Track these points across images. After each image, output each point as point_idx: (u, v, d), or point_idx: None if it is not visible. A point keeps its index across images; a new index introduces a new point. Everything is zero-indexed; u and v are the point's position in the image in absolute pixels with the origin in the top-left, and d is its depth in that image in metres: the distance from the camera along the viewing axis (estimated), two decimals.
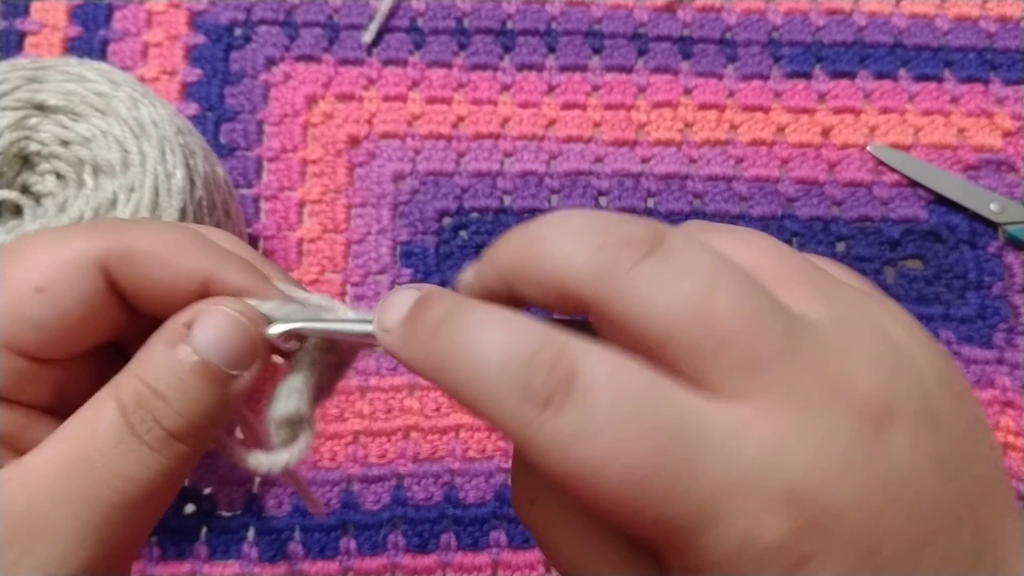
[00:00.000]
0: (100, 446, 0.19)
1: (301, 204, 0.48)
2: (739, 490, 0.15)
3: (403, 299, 0.19)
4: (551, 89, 0.51)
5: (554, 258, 0.17)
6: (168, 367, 0.19)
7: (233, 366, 0.20)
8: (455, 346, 0.17)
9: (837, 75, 0.51)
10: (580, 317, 0.18)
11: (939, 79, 0.51)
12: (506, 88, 0.50)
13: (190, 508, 0.42)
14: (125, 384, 0.19)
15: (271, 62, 0.50)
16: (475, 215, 0.48)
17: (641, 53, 0.52)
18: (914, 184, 0.49)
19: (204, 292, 0.21)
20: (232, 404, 0.20)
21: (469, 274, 0.20)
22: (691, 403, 0.15)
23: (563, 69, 0.51)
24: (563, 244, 0.17)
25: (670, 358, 0.16)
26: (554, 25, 0.52)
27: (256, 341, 0.20)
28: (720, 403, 0.15)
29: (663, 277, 0.16)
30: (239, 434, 0.25)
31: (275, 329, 0.21)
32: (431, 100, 0.50)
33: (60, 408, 0.20)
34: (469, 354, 0.16)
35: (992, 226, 0.48)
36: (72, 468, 0.18)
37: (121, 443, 0.19)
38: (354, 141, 0.49)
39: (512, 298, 0.18)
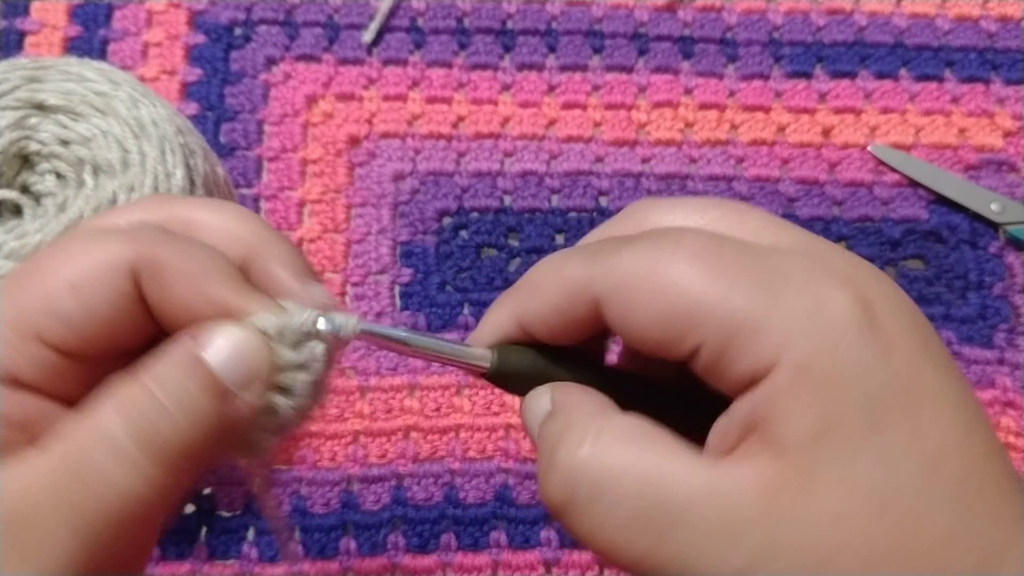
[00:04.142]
0: (95, 455, 0.18)
1: (301, 204, 0.48)
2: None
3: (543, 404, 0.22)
4: (551, 89, 0.51)
5: (551, 273, 0.21)
6: (176, 380, 0.19)
7: (239, 386, 0.20)
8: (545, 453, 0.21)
9: (838, 75, 0.51)
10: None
11: (940, 79, 0.51)
12: (506, 88, 0.50)
13: (190, 508, 0.42)
14: (130, 392, 0.19)
15: (271, 62, 0.50)
16: (475, 215, 0.48)
17: (641, 53, 0.52)
18: (915, 184, 0.49)
19: (223, 317, 0.21)
20: (230, 428, 0.20)
21: (483, 334, 0.23)
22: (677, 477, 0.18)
23: (563, 69, 0.51)
24: (556, 262, 0.21)
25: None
26: (554, 25, 0.52)
27: (264, 364, 0.20)
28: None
29: (638, 247, 0.20)
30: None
31: (362, 326, 0.21)
32: (431, 100, 0.50)
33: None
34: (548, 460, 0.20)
35: (993, 226, 0.48)
36: (66, 475, 0.18)
37: (116, 453, 0.18)
38: (354, 141, 0.49)
39: (522, 334, 0.22)
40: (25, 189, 0.37)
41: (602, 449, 0.19)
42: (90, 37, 0.50)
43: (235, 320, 0.20)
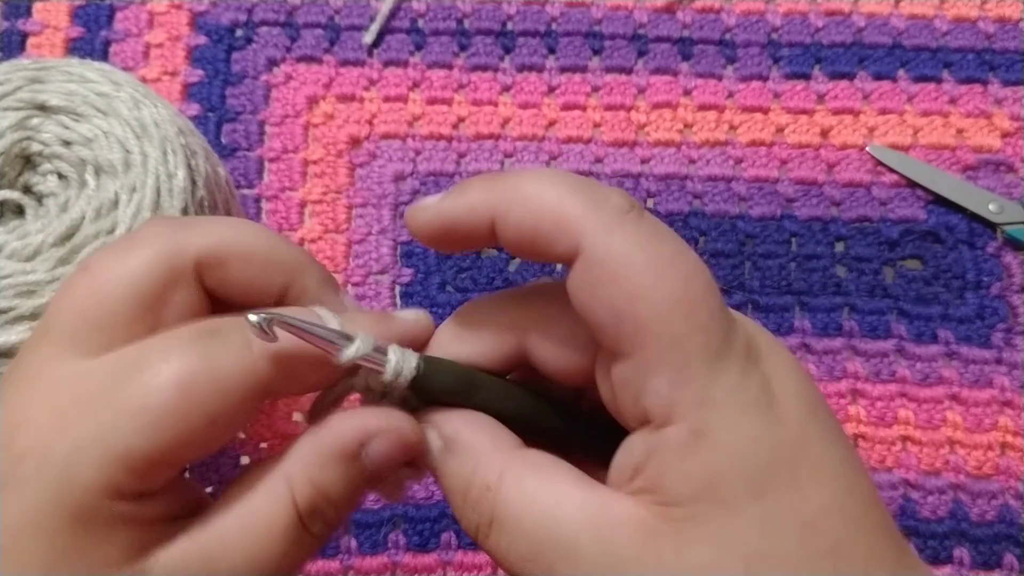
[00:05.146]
0: (280, 544, 0.21)
1: (302, 204, 0.48)
2: None
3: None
4: (551, 90, 0.51)
5: (549, 196, 0.20)
6: (344, 481, 0.21)
7: (389, 473, 0.22)
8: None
9: (836, 76, 0.52)
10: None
11: (938, 80, 0.51)
12: (506, 89, 0.51)
13: None
14: (303, 490, 0.21)
15: (272, 63, 0.50)
16: None
17: (641, 54, 0.52)
18: (913, 184, 0.49)
19: (284, 293, 0.23)
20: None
21: (435, 201, 0.22)
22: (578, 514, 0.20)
23: (563, 70, 0.51)
24: (556, 188, 0.20)
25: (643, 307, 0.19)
26: (554, 26, 0.52)
27: (412, 448, 0.22)
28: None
29: (644, 232, 0.20)
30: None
31: (252, 319, 0.21)
32: (432, 101, 0.50)
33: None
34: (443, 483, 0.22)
35: (991, 226, 0.48)
36: (255, 561, 0.20)
37: (296, 539, 0.21)
38: (355, 142, 0.49)
39: (481, 233, 0.21)
40: (27, 190, 0.37)
41: (506, 490, 0.20)
42: (92, 38, 0.50)
43: (393, 416, 0.22)
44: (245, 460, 0.43)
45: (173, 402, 0.19)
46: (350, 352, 0.21)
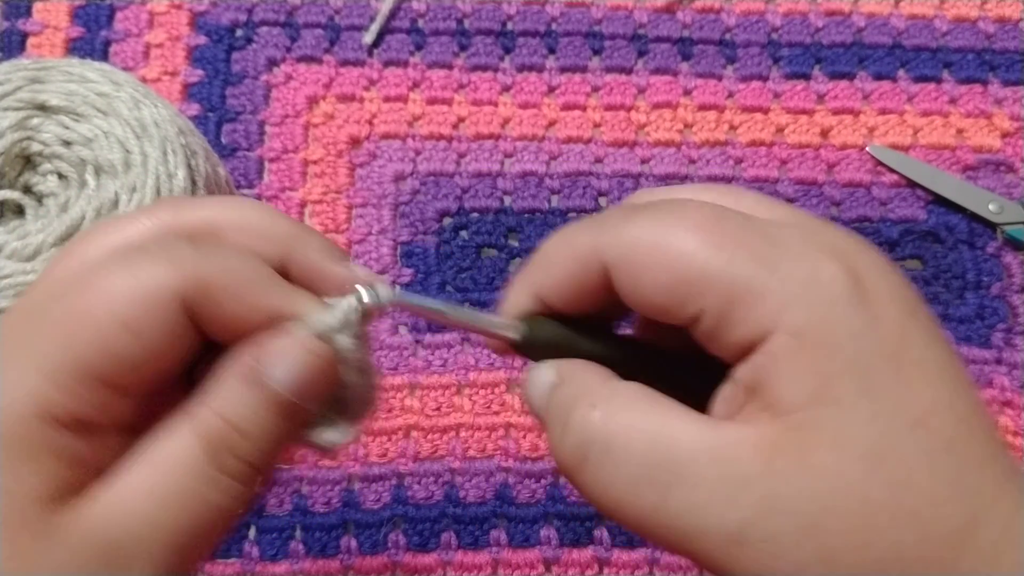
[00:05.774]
0: (184, 478, 0.20)
1: (302, 204, 0.48)
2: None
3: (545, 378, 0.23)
4: (551, 90, 0.51)
5: (562, 243, 0.22)
6: (245, 404, 0.20)
7: (307, 400, 0.21)
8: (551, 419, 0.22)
9: (836, 76, 0.52)
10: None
11: (938, 80, 0.51)
12: (506, 89, 0.51)
13: None
14: (204, 419, 0.20)
15: (272, 63, 0.50)
16: (475, 215, 0.48)
17: (641, 54, 0.52)
18: (913, 184, 0.49)
19: (272, 322, 0.21)
20: (298, 433, 0.22)
21: (506, 309, 0.24)
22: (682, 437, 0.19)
23: (563, 70, 0.51)
24: (567, 234, 0.22)
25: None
26: (554, 26, 0.52)
27: (326, 374, 0.21)
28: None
29: (644, 217, 0.21)
30: None
31: (370, 298, 0.21)
32: (432, 101, 0.50)
33: (134, 425, 0.21)
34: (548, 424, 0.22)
35: (991, 226, 0.48)
36: (162, 500, 0.19)
37: (203, 475, 0.20)
38: (355, 142, 0.49)
39: (539, 305, 0.23)
40: (27, 189, 0.38)
41: (612, 412, 0.20)
42: (92, 38, 0.50)
43: (289, 327, 0.21)
44: None
45: (91, 312, 0.19)
46: (519, 333, 0.23)
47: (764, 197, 0.22)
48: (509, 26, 0.52)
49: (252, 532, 0.42)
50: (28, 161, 0.37)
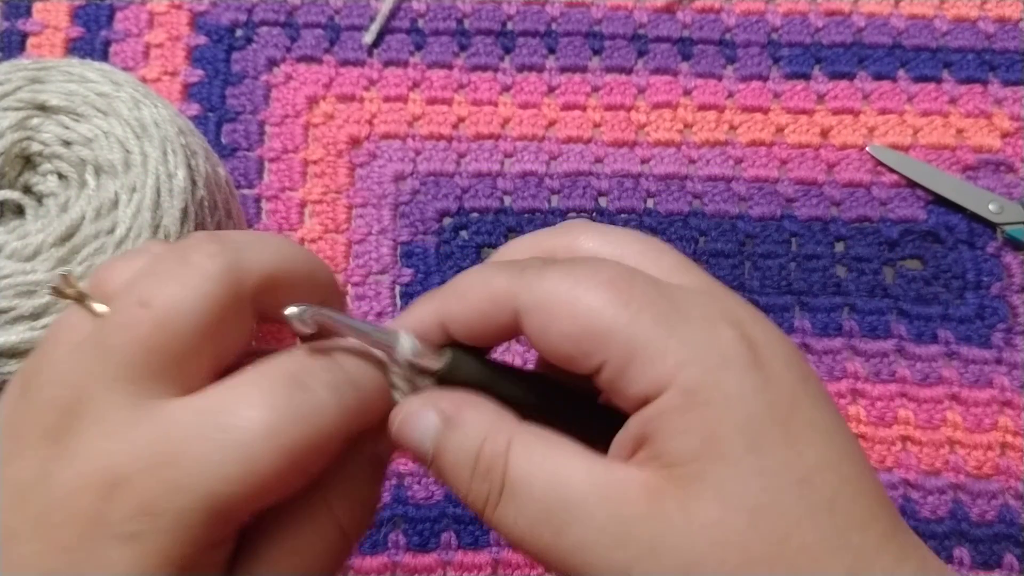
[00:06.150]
0: (325, 565, 0.22)
1: (302, 204, 0.48)
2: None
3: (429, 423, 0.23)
4: (551, 90, 0.51)
5: (478, 280, 0.23)
6: (372, 483, 0.23)
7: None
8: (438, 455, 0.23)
9: (836, 76, 0.52)
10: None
11: (938, 80, 0.51)
12: (506, 89, 0.51)
13: None
14: (343, 511, 0.22)
15: (272, 63, 0.50)
16: (475, 215, 0.48)
17: (641, 54, 0.52)
18: (913, 184, 0.49)
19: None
20: None
21: (406, 324, 0.24)
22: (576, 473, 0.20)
23: (563, 70, 0.51)
24: (482, 273, 0.23)
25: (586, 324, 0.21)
26: (554, 26, 0.52)
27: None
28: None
29: (559, 269, 0.22)
30: None
31: (292, 311, 0.21)
32: (432, 101, 0.50)
33: None
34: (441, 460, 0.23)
35: (991, 226, 0.48)
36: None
37: (342, 552, 0.22)
38: (355, 142, 0.49)
39: (441, 335, 0.23)
40: (27, 189, 0.38)
41: (515, 456, 0.21)
42: (92, 38, 0.50)
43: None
44: None
45: (266, 447, 0.19)
46: (405, 349, 0.22)
47: (684, 259, 0.24)
48: (509, 26, 0.52)
49: None
50: (28, 161, 0.37)
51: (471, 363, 0.23)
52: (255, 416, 0.19)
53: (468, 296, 0.23)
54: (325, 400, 0.20)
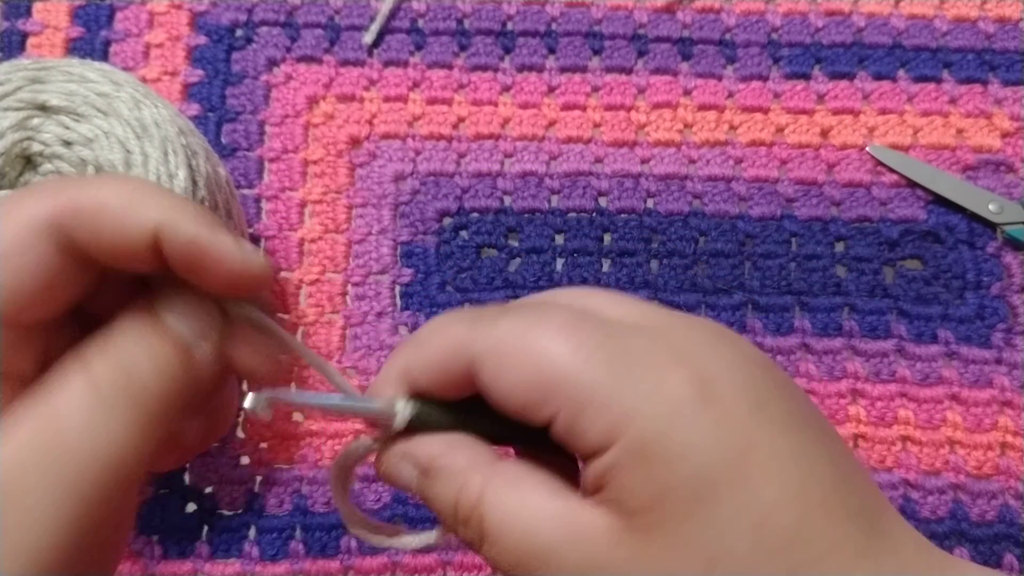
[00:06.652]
0: (73, 425, 0.19)
1: (302, 204, 0.48)
2: None
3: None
4: (551, 90, 0.51)
5: (437, 330, 0.23)
6: (137, 341, 0.20)
7: (199, 336, 0.21)
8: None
9: (836, 76, 0.52)
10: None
11: (938, 80, 0.52)
12: (506, 89, 0.51)
13: (191, 507, 0.43)
14: (96, 360, 0.20)
15: (272, 63, 0.50)
16: (476, 215, 0.48)
17: (641, 54, 0.52)
18: (913, 184, 0.49)
19: (156, 241, 0.21)
20: (199, 379, 0.22)
21: (379, 384, 0.24)
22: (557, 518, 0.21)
23: (563, 70, 0.51)
24: (443, 323, 0.23)
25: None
26: (554, 26, 0.52)
27: (216, 315, 0.22)
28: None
29: (512, 317, 0.22)
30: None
31: (250, 403, 0.21)
32: (432, 101, 0.50)
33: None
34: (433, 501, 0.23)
35: (991, 226, 0.48)
36: (46, 452, 0.19)
37: (93, 422, 0.19)
38: (355, 142, 0.49)
39: (408, 389, 0.23)
40: None
41: (489, 506, 0.22)
42: (92, 38, 0.50)
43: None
44: (245, 460, 0.43)
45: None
46: (400, 421, 0.23)
47: (639, 301, 0.24)
48: (509, 26, 0.52)
49: (252, 532, 0.42)
50: (28, 161, 0.37)
51: (435, 411, 0.24)
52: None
53: (426, 347, 0.23)
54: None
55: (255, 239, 0.47)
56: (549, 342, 0.21)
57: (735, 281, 0.47)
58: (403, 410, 0.23)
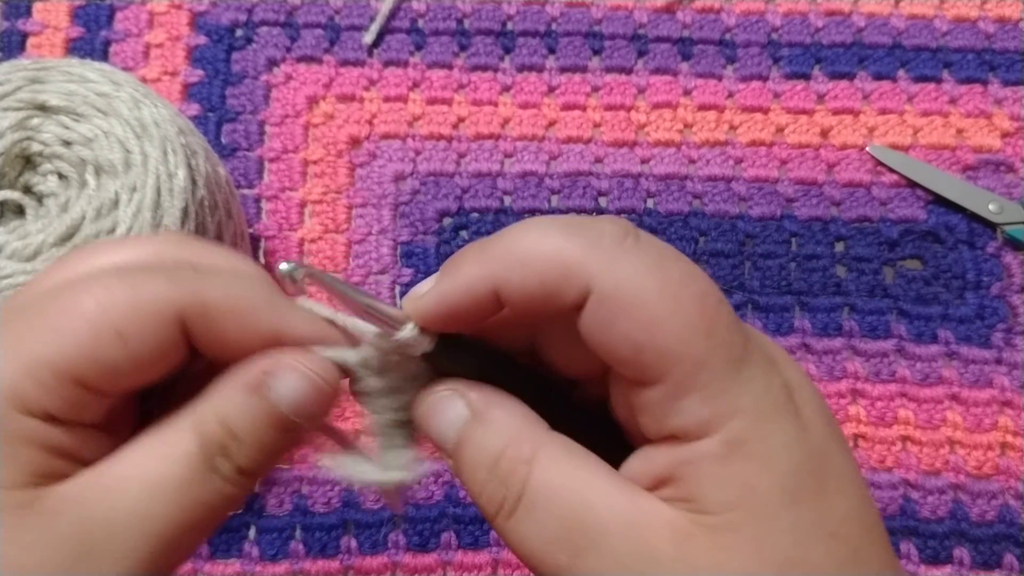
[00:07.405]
0: (179, 472, 0.20)
1: (302, 204, 0.48)
2: None
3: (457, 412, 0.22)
4: (551, 90, 0.51)
5: (545, 247, 0.20)
6: (247, 414, 0.21)
7: (305, 420, 0.22)
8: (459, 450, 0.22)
9: (836, 76, 0.52)
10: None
11: (938, 80, 0.51)
12: (506, 89, 0.51)
13: None
14: (206, 421, 0.21)
15: (272, 63, 0.50)
16: (475, 215, 0.48)
17: (641, 54, 0.52)
18: (913, 184, 0.49)
19: (272, 344, 0.21)
20: (297, 446, 0.23)
21: (430, 286, 0.21)
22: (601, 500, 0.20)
23: (563, 70, 0.51)
24: (550, 236, 0.20)
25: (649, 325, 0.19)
26: (554, 26, 0.52)
27: (328, 399, 0.22)
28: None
29: (648, 256, 0.19)
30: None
31: (286, 268, 0.21)
32: (432, 101, 0.50)
33: (108, 424, 0.21)
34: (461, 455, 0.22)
35: (990, 226, 0.48)
36: (152, 489, 0.20)
37: (198, 474, 0.20)
38: (355, 142, 0.49)
39: (487, 307, 0.21)
40: (27, 190, 0.37)
41: (540, 470, 0.20)
42: (92, 38, 0.50)
43: (297, 353, 0.21)
44: None
45: (84, 315, 0.19)
46: (406, 332, 0.21)
47: None
48: (509, 26, 0.52)
49: (252, 532, 0.42)
50: (28, 161, 0.37)
51: (464, 355, 0.22)
52: (84, 291, 0.20)
53: (530, 262, 0.20)
54: (162, 277, 0.20)
55: (255, 239, 0.47)
56: (684, 313, 0.19)
57: (735, 281, 0.47)
58: (423, 339, 0.21)
